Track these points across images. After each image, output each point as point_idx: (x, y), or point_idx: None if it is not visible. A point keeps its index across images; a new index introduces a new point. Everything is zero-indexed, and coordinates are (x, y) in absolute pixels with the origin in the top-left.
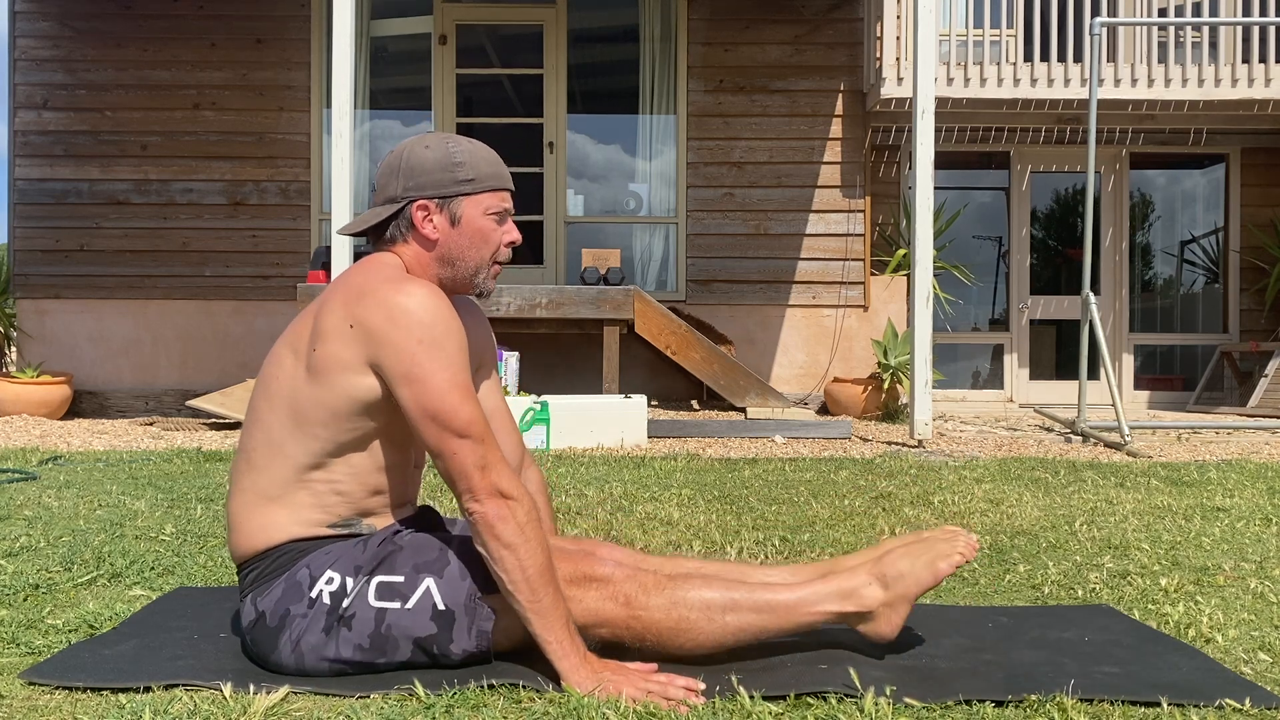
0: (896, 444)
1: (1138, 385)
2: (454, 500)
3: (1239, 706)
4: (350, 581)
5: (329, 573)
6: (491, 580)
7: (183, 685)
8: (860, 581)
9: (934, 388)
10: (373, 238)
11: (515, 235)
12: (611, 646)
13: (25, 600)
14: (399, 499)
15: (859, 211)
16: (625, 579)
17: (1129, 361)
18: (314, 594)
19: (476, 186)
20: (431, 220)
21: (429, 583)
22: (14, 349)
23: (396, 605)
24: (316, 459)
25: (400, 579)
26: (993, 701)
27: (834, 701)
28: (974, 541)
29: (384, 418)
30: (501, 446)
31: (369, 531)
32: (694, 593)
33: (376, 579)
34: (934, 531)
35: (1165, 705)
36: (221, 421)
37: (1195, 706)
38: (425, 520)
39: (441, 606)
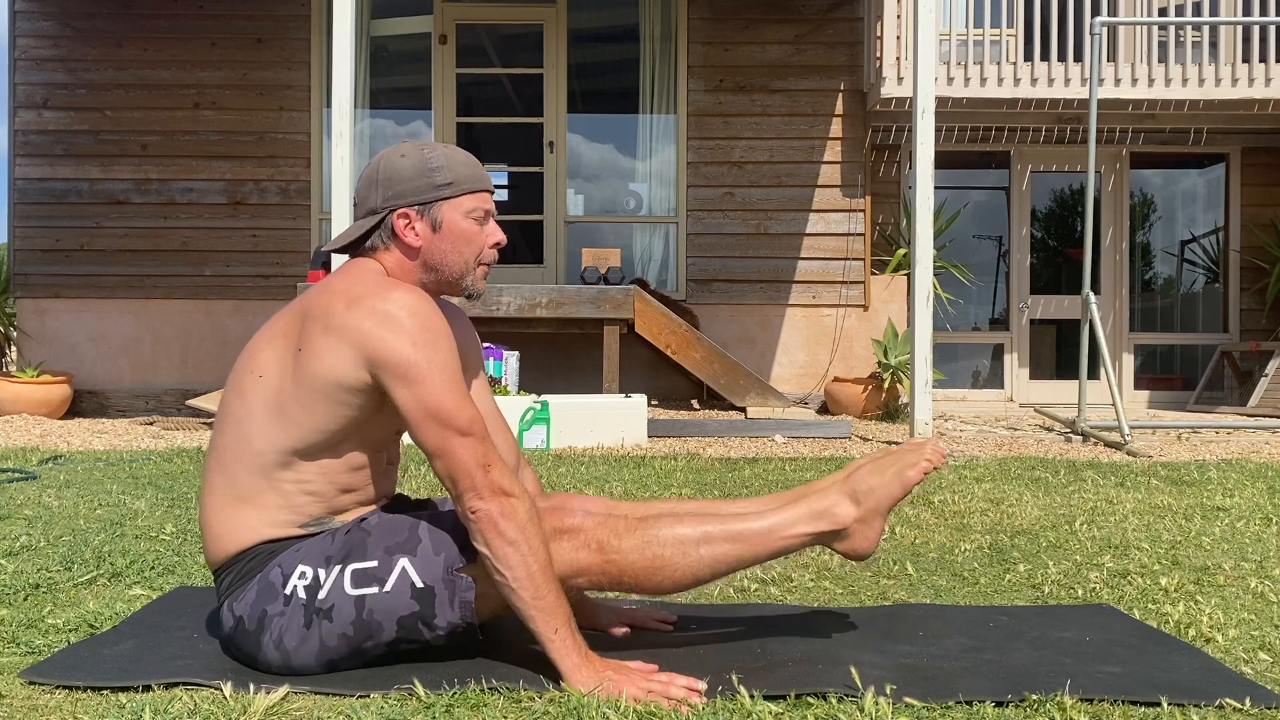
0: (897, 443)
1: (1138, 385)
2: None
3: (1239, 706)
4: (322, 573)
5: (300, 567)
6: (466, 551)
7: (183, 685)
8: (831, 500)
9: (934, 387)
10: (353, 250)
11: (499, 236)
12: (612, 645)
13: (25, 600)
14: (374, 496)
15: (859, 211)
16: (596, 526)
17: (1129, 361)
18: (288, 591)
19: (455, 190)
20: (413, 228)
21: (404, 562)
22: (14, 349)
23: (374, 590)
24: (286, 458)
25: (374, 564)
26: (993, 701)
27: (834, 701)
28: (940, 449)
29: (361, 421)
30: (497, 447)
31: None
32: (666, 530)
33: (350, 567)
34: (901, 446)
35: (1165, 705)
36: None
37: (1195, 706)
38: (394, 505)
39: (420, 584)
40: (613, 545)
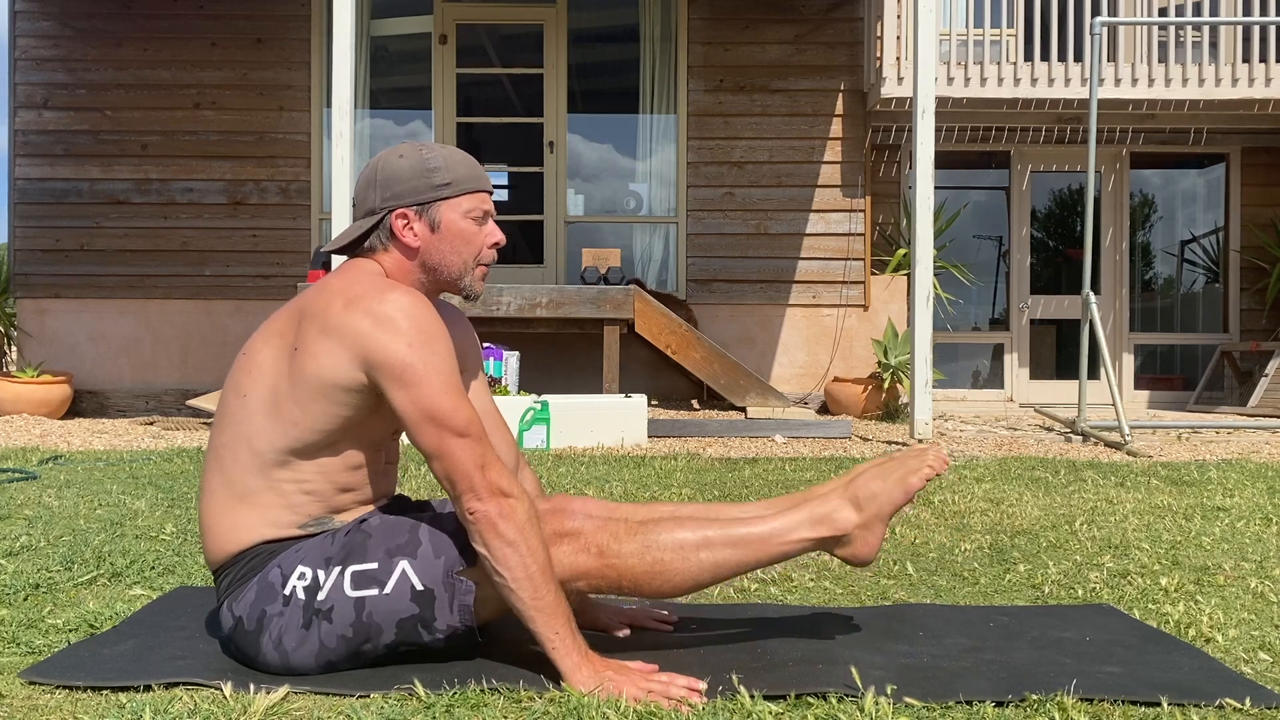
0: (897, 443)
1: (1138, 385)
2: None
3: (1239, 706)
4: (322, 574)
5: (300, 568)
6: (466, 554)
7: (183, 685)
8: (833, 506)
9: (934, 387)
10: (352, 250)
11: (498, 236)
12: (612, 645)
13: (25, 600)
14: (372, 495)
15: (859, 211)
16: (596, 530)
17: (1129, 361)
18: (287, 591)
19: (454, 190)
20: (411, 228)
21: (404, 565)
22: (14, 348)
23: (374, 592)
24: (284, 457)
25: (374, 565)
26: (993, 701)
27: (834, 701)
28: (943, 455)
29: (358, 421)
30: (496, 448)
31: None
32: (666, 535)
33: (350, 569)
34: (904, 451)
35: (1166, 705)
36: None
37: (1196, 706)
38: (393, 506)
39: (420, 587)
40: (613, 549)
